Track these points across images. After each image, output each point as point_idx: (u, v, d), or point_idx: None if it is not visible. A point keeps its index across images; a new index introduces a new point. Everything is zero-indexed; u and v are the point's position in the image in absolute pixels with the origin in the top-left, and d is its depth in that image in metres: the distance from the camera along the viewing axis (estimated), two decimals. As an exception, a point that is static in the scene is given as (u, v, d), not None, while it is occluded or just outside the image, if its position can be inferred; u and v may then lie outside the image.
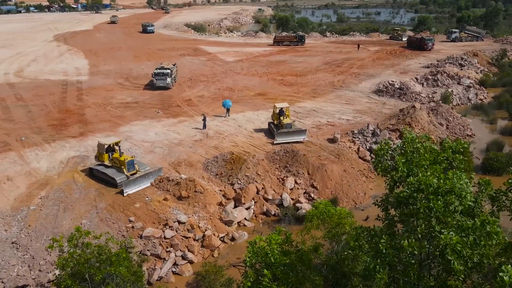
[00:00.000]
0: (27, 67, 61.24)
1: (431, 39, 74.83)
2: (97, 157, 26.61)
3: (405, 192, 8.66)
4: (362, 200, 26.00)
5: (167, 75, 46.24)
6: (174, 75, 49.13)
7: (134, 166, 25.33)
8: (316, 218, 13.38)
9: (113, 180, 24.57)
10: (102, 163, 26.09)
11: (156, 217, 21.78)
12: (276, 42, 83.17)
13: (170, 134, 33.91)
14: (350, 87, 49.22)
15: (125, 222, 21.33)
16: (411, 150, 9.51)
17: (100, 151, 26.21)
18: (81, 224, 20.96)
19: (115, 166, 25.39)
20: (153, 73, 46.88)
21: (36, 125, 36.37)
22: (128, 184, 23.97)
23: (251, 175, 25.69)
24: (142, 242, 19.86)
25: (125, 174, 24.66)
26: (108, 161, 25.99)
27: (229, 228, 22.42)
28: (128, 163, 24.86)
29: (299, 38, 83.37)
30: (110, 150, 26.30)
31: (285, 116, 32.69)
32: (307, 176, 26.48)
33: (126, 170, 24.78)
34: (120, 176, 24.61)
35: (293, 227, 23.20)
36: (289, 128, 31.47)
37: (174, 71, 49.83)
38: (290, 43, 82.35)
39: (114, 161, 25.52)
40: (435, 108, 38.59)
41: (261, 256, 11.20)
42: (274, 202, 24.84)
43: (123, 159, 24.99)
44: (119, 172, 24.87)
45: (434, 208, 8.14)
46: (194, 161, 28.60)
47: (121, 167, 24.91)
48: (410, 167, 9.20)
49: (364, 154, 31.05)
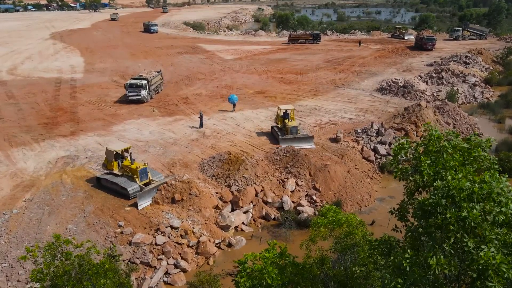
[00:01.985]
0: (21, 65, 59.76)
1: (432, 38, 72.05)
2: (105, 165, 23.96)
3: (432, 199, 7.24)
4: (367, 203, 24.54)
5: (142, 87, 39.42)
6: (156, 84, 42.82)
7: (147, 175, 23.08)
8: (324, 227, 11.87)
9: (124, 191, 22.14)
10: (110, 172, 23.58)
11: (147, 222, 20.30)
12: (291, 41, 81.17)
13: (165, 133, 32.45)
14: (352, 85, 47.76)
15: (114, 227, 19.85)
16: (437, 149, 8.06)
17: (109, 159, 23.66)
18: (67, 229, 19.51)
19: (125, 175, 23.01)
20: (126, 84, 40.18)
21: (26, 123, 34.90)
22: (142, 196, 21.52)
23: (250, 176, 24.21)
24: (131, 249, 18.38)
25: (138, 184, 22.42)
26: (117, 169, 23.51)
27: (225, 234, 20.95)
28: (140, 172, 22.52)
29: (314, 36, 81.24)
30: (120, 157, 23.90)
31: (290, 118, 30.49)
32: (309, 177, 24.99)
33: (139, 179, 22.53)
34: (132, 186, 22.23)
35: (294, 232, 21.78)
36: (295, 132, 29.40)
37: (157, 80, 43.30)
38: (305, 41, 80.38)
39: (125, 169, 23.18)
40: (441, 106, 37.12)
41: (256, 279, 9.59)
42: (274, 205, 23.36)
43: (135, 167, 22.65)
44: (131, 182, 22.52)
45: (469, 218, 6.71)
46: (189, 161, 27.14)
47: (133, 176, 22.64)
48: (437, 169, 7.76)
49: (369, 154, 29.59)
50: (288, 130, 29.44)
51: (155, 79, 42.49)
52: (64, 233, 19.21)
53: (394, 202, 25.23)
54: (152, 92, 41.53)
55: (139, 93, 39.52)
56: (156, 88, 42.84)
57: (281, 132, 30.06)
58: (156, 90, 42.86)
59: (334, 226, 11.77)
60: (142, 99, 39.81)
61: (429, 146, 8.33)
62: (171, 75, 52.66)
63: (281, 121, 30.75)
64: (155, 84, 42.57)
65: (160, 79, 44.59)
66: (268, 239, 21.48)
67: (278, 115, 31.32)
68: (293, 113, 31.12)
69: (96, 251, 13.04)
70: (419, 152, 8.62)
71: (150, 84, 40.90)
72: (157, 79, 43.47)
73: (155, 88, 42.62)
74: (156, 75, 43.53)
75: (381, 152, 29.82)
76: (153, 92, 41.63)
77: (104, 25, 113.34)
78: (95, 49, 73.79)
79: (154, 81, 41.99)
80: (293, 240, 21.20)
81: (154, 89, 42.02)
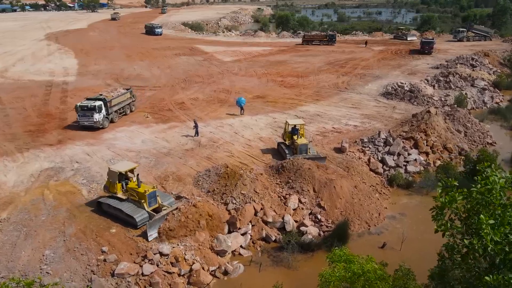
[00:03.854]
0: (12, 67, 57.75)
1: (430, 41, 68.11)
2: (107, 188, 21.10)
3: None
4: (377, 222, 22.47)
5: (94, 110, 32.12)
6: (122, 105, 35.52)
7: (157, 199, 20.30)
8: (337, 281, 9.75)
9: (131, 219, 19.44)
10: (113, 196, 20.76)
11: (134, 247, 18.27)
12: (305, 41, 78.90)
13: (158, 142, 30.41)
14: (356, 89, 45.73)
15: (96, 253, 17.79)
16: (501, 202, 6.01)
17: (111, 180, 20.74)
18: (43, 256, 17.46)
19: (131, 199, 20.32)
20: (76, 106, 32.91)
21: (10, 131, 32.88)
22: (153, 226, 18.87)
23: (248, 193, 22.15)
24: (114, 282, 16.31)
25: (146, 210, 19.72)
26: (122, 192, 20.71)
27: (221, 259, 18.89)
28: (149, 196, 19.76)
29: (329, 37, 78.77)
30: (124, 179, 21.00)
31: (299, 135, 27.37)
32: (313, 193, 22.93)
33: (147, 205, 19.78)
34: (139, 213, 19.48)
35: (297, 256, 19.73)
36: (305, 151, 26.05)
37: (122, 100, 35.61)
38: (319, 42, 77.94)
39: (131, 193, 20.34)
40: (451, 113, 35.14)
41: None
42: (275, 225, 21.30)
43: (142, 191, 19.82)
44: (137, 208, 19.82)
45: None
46: (183, 174, 25.09)
47: (140, 201, 19.93)
48: (506, 232, 5.72)
49: (376, 166, 27.58)
50: (297, 149, 26.15)
51: (118, 99, 34.93)
52: (40, 261, 17.19)
53: (406, 220, 23.23)
54: (114, 115, 34.37)
55: (91, 117, 32.20)
56: (122, 109, 35.63)
57: (288, 150, 26.76)
58: (122, 111, 35.71)
59: (349, 281, 9.66)
60: (94, 124, 32.38)
61: (490, 197, 6.23)
62: (168, 78, 50.68)
63: (289, 137, 27.48)
64: (120, 104, 35.20)
65: (130, 98, 37.04)
66: (268, 264, 19.49)
67: (286, 130, 27.95)
68: (303, 128, 27.92)
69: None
70: (474, 204, 6.52)
71: (110, 105, 33.78)
72: (123, 99, 35.79)
73: (120, 110, 35.47)
74: (123, 93, 36.07)
75: (389, 164, 27.81)
76: (115, 115, 34.48)
77: (101, 26, 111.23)
78: (91, 50, 71.73)
79: (116, 102, 34.63)
80: (297, 266, 19.20)
81: (117, 111, 34.96)
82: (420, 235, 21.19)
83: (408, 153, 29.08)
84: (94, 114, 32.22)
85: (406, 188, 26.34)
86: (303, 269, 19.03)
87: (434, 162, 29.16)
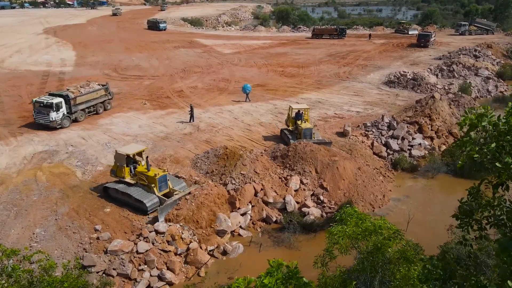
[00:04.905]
0: (9, 58, 56.87)
1: (426, 34, 66.40)
2: (114, 172, 19.84)
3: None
4: (381, 203, 21.71)
5: (51, 107, 28.08)
6: (93, 103, 31.42)
7: (167, 184, 19.39)
8: (347, 238, 8.97)
9: (140, 204, 18.41)
10: (121, 180, 19.64)
11: (128, 225, 17.50)
12: (315, 35, 77.91)
13: (156, 127, 29.65)
14: (358, 78, 44.94)
15: (89, 232, 17.03)
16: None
17: (119, 164, 19.50)
18: (33, 234, 16.70)
19: (140, 184, 19.23)
20: (33, 101, 29.28)
21: (5, 116, 32.11)
22: (165, 211, 18.03)
23: (248, 173, 21.37)
24: (107, 259, 15.52)
25: (156, 195, 18.76)
26: (130, 177, 19.66)
27: (220, 239, 18.11)
28: (159, 180, 18.74)
29: (339, 31, 77.44)
30: (132, 162, 19.91)
31: (303, 120, 26.28)
32: (315, 175, 22.15)
33: (157, 189, 18.81)
34: (150, 198, 18.46)
35: (299, 237, 18.96)
36: (309, 136, 25.02)
37: (94, 97, 31.47)
38: (329, 36, 76.81)
39: (140, 177, 19.28)
40: (456, 99, 34.37)
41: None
42: (276, 206, 20.53)
43: (152, 175, 18.78)
44: (147, 192, 18.78)
45: None
46: (181, 157, 24.33)
47: (150, 186, 18.91)
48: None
49: (380, 149, 26.80)
50: (301, 133, 25.06)
51: (86, 97, 30.76)
52: (30, 238, 16.42)
53: (412, 202, 22.44)
54: (80, 114, 30.28)
55: (47, 115, 28.20)
56: (93, 108, 31.60)
57: (292, 136, 25.76)
58: (93, 110, 31.60)
59: (360, 237, 8.83)
60: (50, 124, 28.29)
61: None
62: (166, 69, 49.86)
63: (293, 122, 26.51)
64: (88, 102, 31.06)
65: (105, 95, 32.68)
66: (269, 245, 18.71)
67: (290, 115, 26.87)
68: (307, 113, 26.72)
69: (50, 264, 10.21)
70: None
71: (74, 102, 29.66)
72: (94, 96, 31.49)
73: (90, 108, 31.39)
74: (95, 90, 31.74)
75: (393, 148, 27.03)
76: (80, 114, 30.36)
77: (100, 21, 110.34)
78: (89, 43, 70.82)
79: (83, 99, 30.48)
80: (298, 246, 18.43)
81: (85, 109, 30.84)
82: (427, 216, 20.47)
83: (412, 137, 28.29)
84: (51, 112, 28.13)
85: (410, 171, 25.58)
86: (305, 250, 18.23)
87: (439, 147, 28.40)
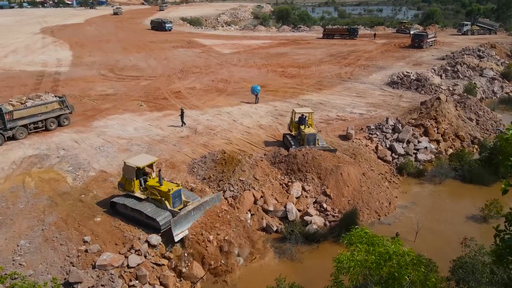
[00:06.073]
0: (4, 58, 55.77)
1: (421, 34, 64.55)
2: (122, 185, 17.99)
3: None
4: (387, 211, 20.64)
5: None
6: (38, 119, 27.11)
7: (181, 199, 17.52)
8: (358, 266, 7.79)
9: (153, 222, 16.53)
10: (130, 194, 17.81)
11: (120, 237, 16.41)
12: (326, 35, 76.72)
13: (152, 130, 28.59)
14: (360, 79, 43.89)
15: (77, 243, 15.94)
16: None
17: (127, 177, 17.68)
18: (17, 246, 15.61)
19: (152, 199, 17.45)
20: None
21: (-5, 119, 30.96)
22: (178, 223, 16.13)
23: (247, 179, 20.31)
24: (95, 274, 14.44)
25: (169, 209, 16.89)
26: (140, 191, 17.81)
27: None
28: (173, 196, 16.94)
29: (351, 31, 75.54)
30: (142, 175, 18.18)
31: (307, 124, 24.79)
32: (318, 181, 21.08)
33: (171, 205, 16.98)
34: (162, 215, 16.59)
35: (301, 248, 17.89)
36: (313, 142, 23.48)
37: (42, 111, 27.30)
38: (341, 36, 75.28)
39: (151, 191, 17.44)
40: (462, 101, 33.33)
41: None
42: (276, 214, 19.48)
43: (166, 190, 16.93)
44: (160, 209, 16.99)
45: None
46: (177, 161, 23.26)
47: (163, 200, 17.08)
48: None
49: (384, 153, 25.75)
50: (304, 139, 23.55)
51: (28, 111, 26.74)
52: (13, 251, 15.34)
53: (419, 210, 21.35)
54: (19, 130, 26.23)
55: None
56: (41, 123, 27.54)
57: (294, 142, 24.30)
58: (41, 125, 27.55)
59: (374, 267, 7.61)
60: None
61: None
62: (164, 69, 48.82)
63: (296, 128, 24.96)
64: (32, 118, 26.91)
65: (60, 109, 28.51)
66: (269, 257, 17.64)
67: (293, 120, 25.25)
68: (311, 118, 25.17)
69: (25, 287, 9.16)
70: None
71: (11, 117, 25.65)
72: (41, 110, 27.34)
73: (36, 124, 27.25)
74: (43, 103, 27.74)
75: (398, 151, 25.98)
76: (21, 130, 26.36)
77: (98, 21, 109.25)
78: (86, 43, 69.74)
79: (23, 114, 26.45)
80: (300, 258, 17.38)
81: (27, 125, 26.72)
82: (436, 225, 19.43)
83: (418, 140, 27.25)
84: None
85: (417, 176, 24.52)
86: (307, 262, 17.20)
87: (445, 150, 27.36)
